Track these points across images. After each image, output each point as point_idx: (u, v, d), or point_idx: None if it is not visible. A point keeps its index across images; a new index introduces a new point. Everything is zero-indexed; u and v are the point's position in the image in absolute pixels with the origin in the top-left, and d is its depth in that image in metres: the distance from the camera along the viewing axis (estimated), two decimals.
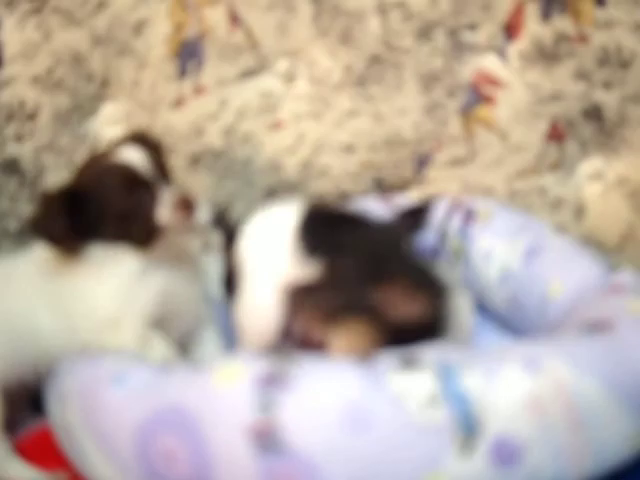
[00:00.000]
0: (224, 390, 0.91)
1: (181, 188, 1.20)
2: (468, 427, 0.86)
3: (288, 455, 0.86)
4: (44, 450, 1.18)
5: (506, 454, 0.87)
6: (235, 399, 0.89)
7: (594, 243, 1.53)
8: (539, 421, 0.88)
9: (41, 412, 1.19)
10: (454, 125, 1.62)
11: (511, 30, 1.55)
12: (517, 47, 1.55)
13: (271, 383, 0.89)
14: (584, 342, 0.98)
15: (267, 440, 0.86)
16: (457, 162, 1.64)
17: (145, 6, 1.65)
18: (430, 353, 0.94)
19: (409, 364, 0.91)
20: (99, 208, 1.15)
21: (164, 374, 1.01)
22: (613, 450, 0.92)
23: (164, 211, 1.16)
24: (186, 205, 1.17)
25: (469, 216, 1.46)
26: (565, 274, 1.27)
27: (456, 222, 1.47)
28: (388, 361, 0.92)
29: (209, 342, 1.30)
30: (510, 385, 0.89)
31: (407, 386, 0.88)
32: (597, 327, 1.02)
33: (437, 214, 1.50)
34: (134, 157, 1.17)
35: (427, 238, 1.49)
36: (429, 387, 0.87)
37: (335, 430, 0.86)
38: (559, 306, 1.24)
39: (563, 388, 0.90)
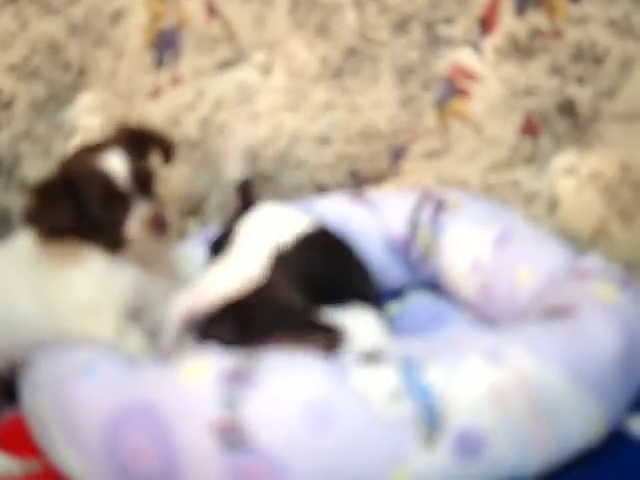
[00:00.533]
0: (190, 387, 0.92)
1: (159, 204, 1.22)
2: (431, 421, 0.87)
3: (253, 451, 0.86)
4: (18, 439, 1.18)
5: (469, 446, 0.88)
6: (201, 396, 0.90)
7: (567, 237, 1.53)
8: (502, 412, 0.89)
9: (15, 401, 1.20)
10: (429, 118, 1.63)
11: (486, 24, 1.55)
12: (492, 41, 1.56)
13: (236, 380, 0.90)
14: (546, 330, 1.00)
15: (232, 436, 0.87)
16: (432, 155, 1.64)
17: None
18: (392, 347, 0.95)
19: (372, 359, 0.92)
20: (75, 209, 1.17)
21: (132, 369, 1.02)
22: (577, 436, 0.94)
23: (134, 227, 1.19)
24: (158, 224, 1.19)
25: (439, 207, 1.47)
26: (534, 260, 1.28)
27: (426, 213, 1.48)
28: (351, 356, 0.93)
29: None
30: (472, 377, 0.90)
31: (370, 381, 0.89)
32: (560, 312, 1.03)
33: (408, 206, 1.51)
34: (116, 167, 1.19)
35: (399, 230, 1.50)
36: (392, 382, 0.88)
37: (299, 427, 0.87)
38: (528, 292, 1.25)
39: (525, 378, 0.91)
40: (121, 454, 0.94)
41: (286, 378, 0.91)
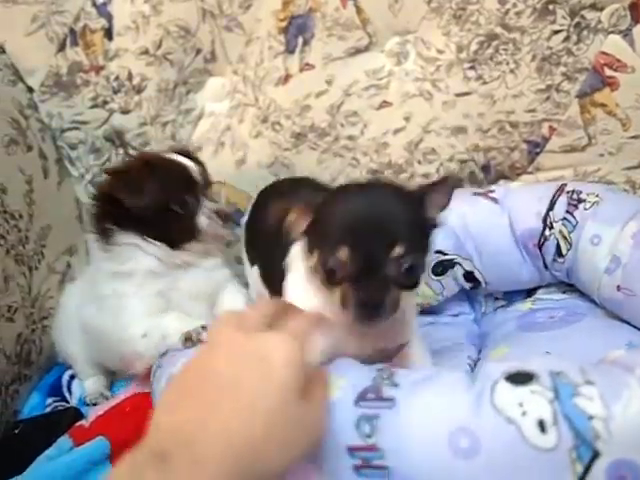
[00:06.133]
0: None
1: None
2: (585, 449, 0.81)
3: (391, 478, 0.82)
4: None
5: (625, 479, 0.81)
6: (337, 418, 0.86)
7: None
8: None
9: None
10: (572, 110, 1.54)
11: (638, 11, 1.45)
12: None
13: (374, 401, 0.86)
14: None
15: (370, 461, 0.83)
16: (573, 149, 1.56)
17: None
18: (540, 366, 0.88)
19: (519, 380, 0.86)
20: (158, 191, 1.26)
21: None
22: None
23: (204, 218, 1.31)
24: (225, 217, 1.34)
25: (576, 202, 1.40)
26: None
27: (562, 209, 1.41)
28: (496, 376, 0.87)
29: (228, 296, 1.39)
30: (631, 405, 0.83)
31: (518, 405, 0.83)
32: None
33: (543, 201, 1.44)
34: (190, 163, 1.33)
35: (532, 226, 1.44)
36: (543, 406, 0.82)
37: (441, 453, 0.82)
38: None
39: None
40: None
41: (427, 401, 0.85)
